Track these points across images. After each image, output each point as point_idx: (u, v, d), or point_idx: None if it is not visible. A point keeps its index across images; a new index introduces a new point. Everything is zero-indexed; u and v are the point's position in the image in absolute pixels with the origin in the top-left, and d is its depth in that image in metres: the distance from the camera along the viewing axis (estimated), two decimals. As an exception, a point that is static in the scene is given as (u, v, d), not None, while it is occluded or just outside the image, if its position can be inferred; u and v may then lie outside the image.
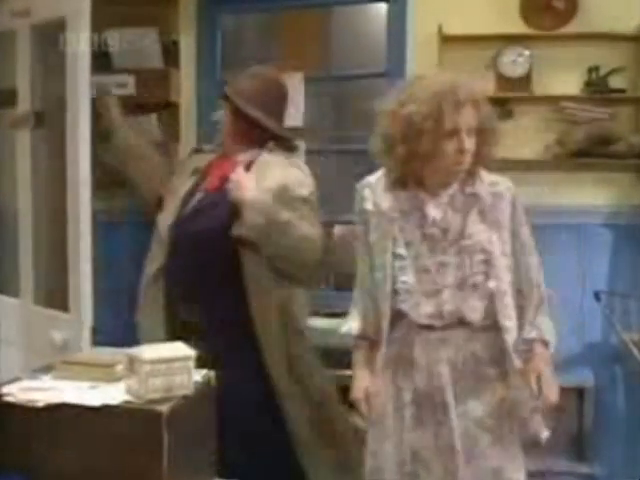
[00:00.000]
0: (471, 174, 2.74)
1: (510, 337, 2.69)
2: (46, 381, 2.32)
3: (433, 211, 2.71)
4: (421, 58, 4.20)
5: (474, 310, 2.69)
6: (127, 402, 2.17)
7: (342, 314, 2.99)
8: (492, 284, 2.69)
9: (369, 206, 2.78)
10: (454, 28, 4.11)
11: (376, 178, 2.81)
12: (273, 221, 3.03)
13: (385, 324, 2.72)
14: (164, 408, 2.13)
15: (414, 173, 2.71)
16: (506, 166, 4.13)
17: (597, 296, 3.86)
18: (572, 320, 4.13)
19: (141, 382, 2.17)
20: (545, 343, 2.75)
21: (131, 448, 2.13)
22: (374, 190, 2.79)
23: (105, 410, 2.14)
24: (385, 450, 2.74)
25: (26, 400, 2.18)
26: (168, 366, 2.21)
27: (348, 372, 2.93)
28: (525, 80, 4.19)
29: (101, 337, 3.23)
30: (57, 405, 2.16)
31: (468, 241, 2.70)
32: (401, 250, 2.71)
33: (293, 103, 4.33)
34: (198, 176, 3.42)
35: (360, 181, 2.86)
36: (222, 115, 3.39)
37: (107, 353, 2.52)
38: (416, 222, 2.72)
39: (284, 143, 3.38)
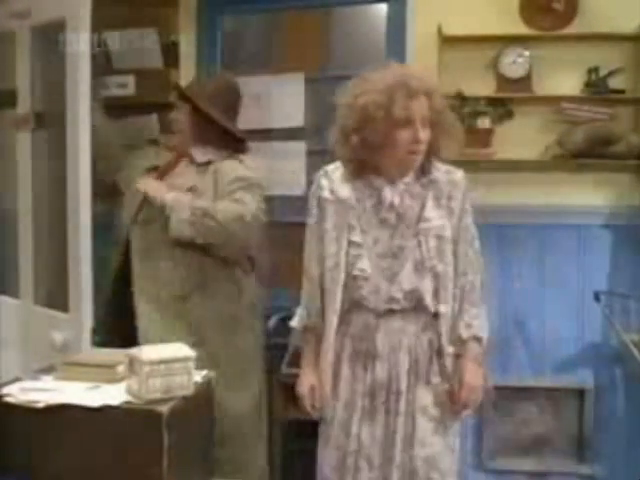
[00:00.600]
0: (427, 164, 2.83)
1: (445, 323, 2.77)
2: (47, 382, 2.33)
3: (389, 196, 2.78)
4: (421, 58, 4.19)
5: (428, 292, 2.76)
6: (127, 402, 2.18)
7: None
8: (440, 268, 2.77)
9: (326, 194, 2.85)
10: (454, 29, 4.10)
11: (334, 167, 2.90)
12: (196, 209, 3.24)
13: (335, 313, 2.77)
14: (164, 408, 2.13)
15: (370, 162, 2.79)
16: (506, 166, 4.18)
17: (597, 296, 3.86)
18: (572, 321, 4.14)
19: (141, 383, 2.17)
20: (478, 339, 2.83)
21: (131, 448, 2.14)
22: (331, 179, 2.86)
23: (105, 411, 2.15)
24: (330, 446, 2.80)
25: (27, 401, 2.19)
26: (168, 367, 2.22)
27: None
28: (525, 81, 4.18)
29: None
30: (58, 406, 2.16)
31: (424, 225, 2.78)
32: (357, 237, 2.78)
33: (294, 103, 4.35)
34: (155, 175, 3.55)
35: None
36: (176, 115, 3.56)
37: (107, 354, 2.52)
38: (373, 208, 2.80)
39: (237, 144, 3.55)
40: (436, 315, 2.77)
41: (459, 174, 2.91)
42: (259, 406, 3.58)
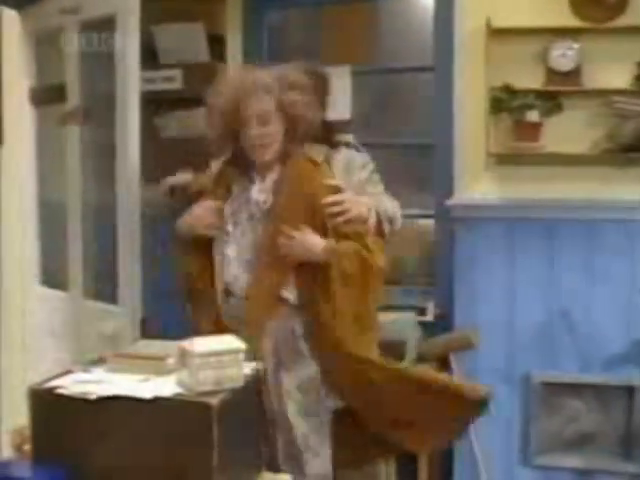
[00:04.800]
0: (287, 155, 2.98)
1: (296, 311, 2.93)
2: (98, 374, 2.34)
3: (256, 194, 2.96)
4: (469, 51, 4.17)
5: (288, 286, 2.92)
6: (178, 394, 2.18)
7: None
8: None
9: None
10: (503, 21, 4.06)
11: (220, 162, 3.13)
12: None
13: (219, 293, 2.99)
14: (214, 400, 2.13)
15: (239, 157, 3.00)
16: (555, 160, 4.13)
17: (646, 292, 3.82)
18: (620, 317, 4.09)
19: (192, 375, 2.18)
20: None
21: (181, 440, 2.14)
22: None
23: (156, 402, 2.15)
24: None
25: (79, 393, 2.20)
26: (218, 359, 2.21)
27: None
28: (574, 74, 4.12)
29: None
30: (109, 398, 2.17)
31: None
32: (229, 227, 2.98)
33: (340, 96, 4.33)
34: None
35: None
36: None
37: (158, 346, 2.53)
38: (243, 203, 2.99)
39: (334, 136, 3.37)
40: (300, 305, 2.93)
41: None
42: None
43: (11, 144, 4.40)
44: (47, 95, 4.11)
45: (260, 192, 2.97)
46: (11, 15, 4.39)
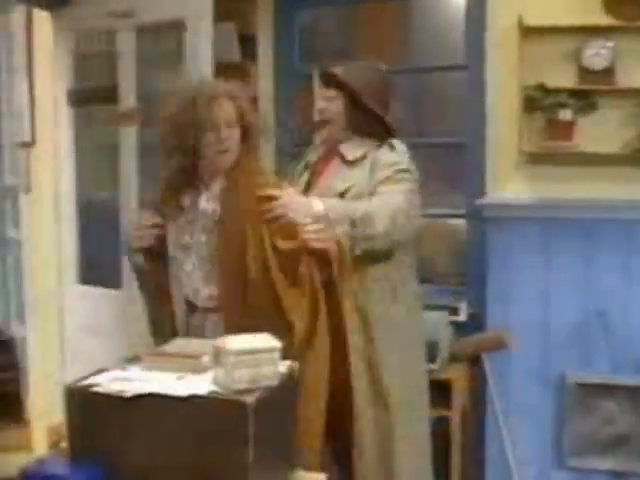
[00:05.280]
0: (237, 164, 2.95)
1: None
2: (134, 372, 2.34)
3: (204, 204, 2.94)
4: (501, 50, 4.15)
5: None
6: (213, 393, 2.17)
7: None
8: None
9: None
10: (535, 19, 4.04)
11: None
12: (354, 220, 3.02)
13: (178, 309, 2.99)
14: (250, 399, 2.13)
15: (188, 168, 2.94)
16: (588, 160, 4.10)
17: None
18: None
19: (227, 373, 2.17)
20: None
21: (216, 438, 2.13)
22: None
23: (192, 401, 2.15)
24: None
25: (114, 390, 2.20)
26: (254, 357, 2.21)
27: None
28: (608, 73, 4.09)
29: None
30: (145, 395, 2.17)
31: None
32: (187, 238, 2.96)
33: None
34: (309, 173, 3.43)
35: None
36: (324, 105, 3.33)
37: (193, 344, 2.53)
38: (194, 214, 2.95)
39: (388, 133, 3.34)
40: None
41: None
42: None
43: (44, 144, 4.44)
44: (88, 96, 4.14)
45: (207, 201, 2.95)
46: (43, 16, 4.43)
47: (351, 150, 3.30)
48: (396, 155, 3.25)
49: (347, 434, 3.08)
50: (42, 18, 4.43)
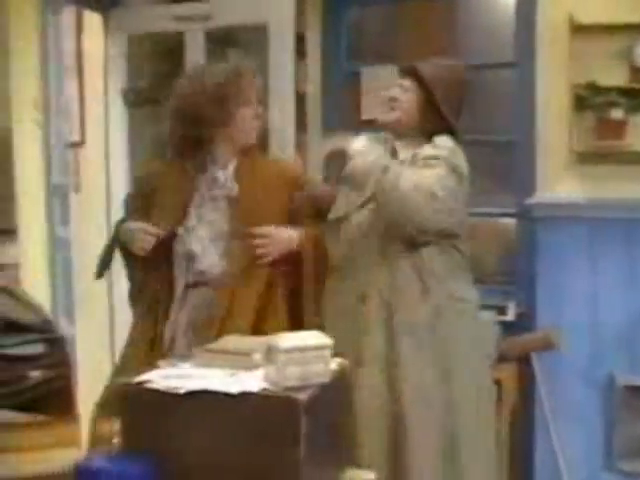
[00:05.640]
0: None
1: None
2: (185, 369, 2.35)
3: (222, 181, 3.07)
4: (551, 48, 4.11)
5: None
6: (265, 390, 2.17)
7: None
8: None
9: None
10: (585, 17, 4.00)
11: None
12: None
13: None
14: (302, 396, 2.12)
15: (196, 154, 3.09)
16: (638, 159, 4.04)
17: None
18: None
19: (279, 370, 2.17)
20: None
21: (269, 435, 2.13)
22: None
23: (244, 397, 2.15)
24: None
25: (167, 387, 2.21)
26: (305, 355, 2.20)
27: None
28: (660, 71, 4.04)
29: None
30: (197, 392, 2.18)
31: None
32: (193, 222, 3.06)
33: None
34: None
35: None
36: (399, 94, 3.27)
37: (243, 341, 2.54)
38: (210, 191, 3.07)
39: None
40: None
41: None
42: None
43: (93, 144, 4.49)
44: (146, 96, 4.18)
45: (225, 180, 3.07)
46: (93, 17, 4.47)
47: (404, 149, 3.26)
48: (434, 149, 3.17)
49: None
50: (93, 19, 4.48)
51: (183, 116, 3.07)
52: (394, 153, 3.29)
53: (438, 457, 3.10)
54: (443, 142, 3.19)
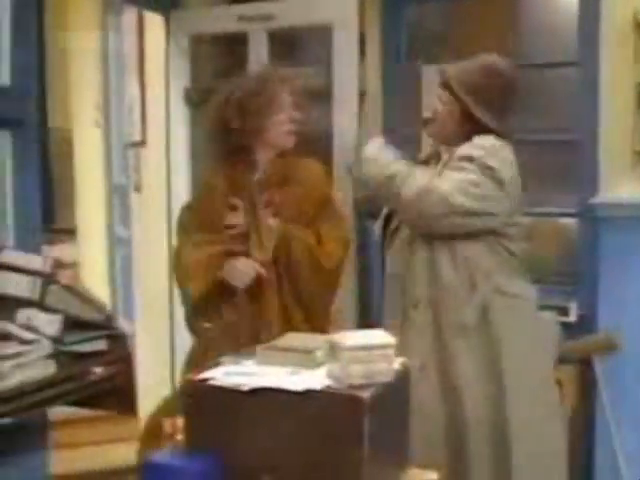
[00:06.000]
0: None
1: None
2: (248, 366, 2.36)
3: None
4: (615, 46, 4.03)
5: None
6: (329, 387, 2.18)
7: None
8: None
9: None
10: (651, 14, 3.93)
11: None
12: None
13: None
14: (366, 394, 2.13)
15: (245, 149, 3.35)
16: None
17: None
18: None
19: (342, 368, 2.17)
20: None
21: (332, 433, 2.14)
22: None
23: (307, 395, 2.16)
24: None
25: (231, 384, 2.22)
26: (368, 353, 2.21)
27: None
28: None
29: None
30: (261, 389, 2.19)
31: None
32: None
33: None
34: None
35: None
36: (435, 102, 3.35)
37: (305, 338, 2.54)
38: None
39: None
40: None
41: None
42: None
43: (154, 144, 4.52)
44: (209, 96, 4.22)
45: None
46: (154, 18, 4.51)
47: (446, 151, 3.30)
48: (470, 148, 3.17)
49: None
50: (154, 20, 4.51)
51: (219, 131, 3.33)
52: (438, 156, 3.34)
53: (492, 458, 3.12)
54: (482, 141, 3.18)
